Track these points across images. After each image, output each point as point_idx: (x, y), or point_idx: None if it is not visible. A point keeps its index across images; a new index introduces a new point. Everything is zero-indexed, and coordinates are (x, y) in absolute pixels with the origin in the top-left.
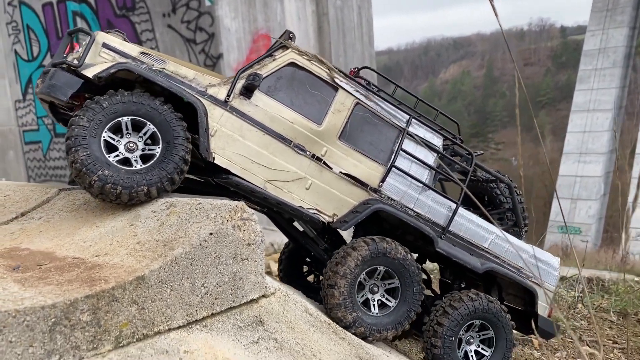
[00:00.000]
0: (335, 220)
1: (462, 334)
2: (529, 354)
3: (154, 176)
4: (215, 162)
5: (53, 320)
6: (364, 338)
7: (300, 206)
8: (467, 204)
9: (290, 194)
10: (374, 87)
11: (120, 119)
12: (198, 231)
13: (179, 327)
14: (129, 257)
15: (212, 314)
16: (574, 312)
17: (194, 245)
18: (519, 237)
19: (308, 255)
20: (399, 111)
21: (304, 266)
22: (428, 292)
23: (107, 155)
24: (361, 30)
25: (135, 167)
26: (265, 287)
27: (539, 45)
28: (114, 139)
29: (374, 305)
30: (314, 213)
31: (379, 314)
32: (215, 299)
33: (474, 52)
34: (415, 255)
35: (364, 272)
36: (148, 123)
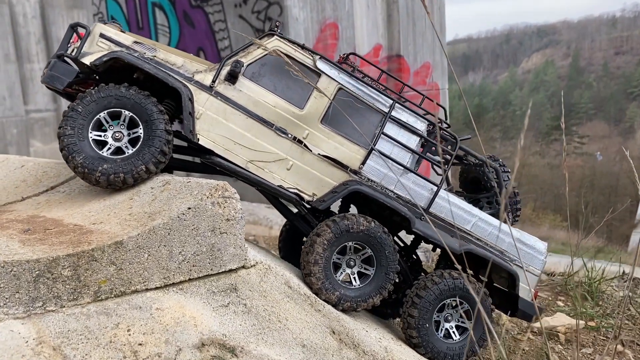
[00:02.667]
0: (314, 199)
1: (438, 316)
2: (551, 347)
3: (145, 154)
4: (199, 142)
5: (37, 272)
6: (354, 310)
7: (280, 185)
8: (468, 189)
9: (272, 174)
10: (359, 72)
11: (97, 116)
12: (179, 206)
13: (156, 288)
14: (118, 225)
15: (190, 279)
16: (619, 311)
17: (172, 217)
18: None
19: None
20: (383, 96)
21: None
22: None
23: (100, 152)
24: (432, 18)
25: (128, 152)
26: (245, 259)
27: (632, 32)
28: (100, 135)
29: (354, 278)
30: (294, 192)
31: (361, 285)
32: (193, 266)
33: (559, 40)
34: (410, 237)
35: (335, 253)
36: (123, 110)
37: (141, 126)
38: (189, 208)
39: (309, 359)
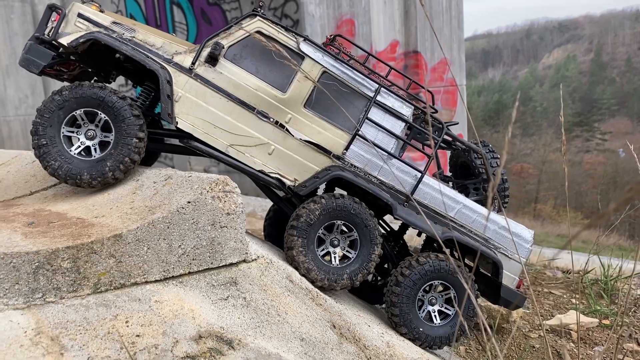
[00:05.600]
0: (296, 184)
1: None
2: (561, 345)
3: (126, 129)
4: (178, 126)
5: (37, 264)
6: (369, 274)
7: (261, 170)
8: (458, 175)
9: (253, 159)
10: (345, 55)
11: (61, 134)
12: (179, 200)
13: (156, 281)
14: (119, 219)
15: (190, 273)
16: (626, 308)
17: (171, 211)
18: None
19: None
20: (369, 80)
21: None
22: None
23: (92, 157)
24: (450, 13)
25: (110, 140)
26: (246, 253)
27: None
28: (80, 146)
29: (347, 252)
30: (276, 177)
31: (356, 253)
32: (193, 259)
33: (581, 35)
34: (399, 223)
35: (316, 249)
36: (74, 113)
37: (99, 112)
38: (189, 202)
39: (307, 353)
